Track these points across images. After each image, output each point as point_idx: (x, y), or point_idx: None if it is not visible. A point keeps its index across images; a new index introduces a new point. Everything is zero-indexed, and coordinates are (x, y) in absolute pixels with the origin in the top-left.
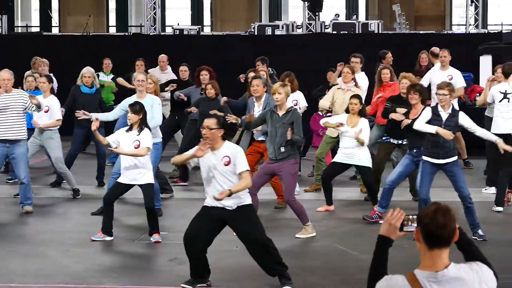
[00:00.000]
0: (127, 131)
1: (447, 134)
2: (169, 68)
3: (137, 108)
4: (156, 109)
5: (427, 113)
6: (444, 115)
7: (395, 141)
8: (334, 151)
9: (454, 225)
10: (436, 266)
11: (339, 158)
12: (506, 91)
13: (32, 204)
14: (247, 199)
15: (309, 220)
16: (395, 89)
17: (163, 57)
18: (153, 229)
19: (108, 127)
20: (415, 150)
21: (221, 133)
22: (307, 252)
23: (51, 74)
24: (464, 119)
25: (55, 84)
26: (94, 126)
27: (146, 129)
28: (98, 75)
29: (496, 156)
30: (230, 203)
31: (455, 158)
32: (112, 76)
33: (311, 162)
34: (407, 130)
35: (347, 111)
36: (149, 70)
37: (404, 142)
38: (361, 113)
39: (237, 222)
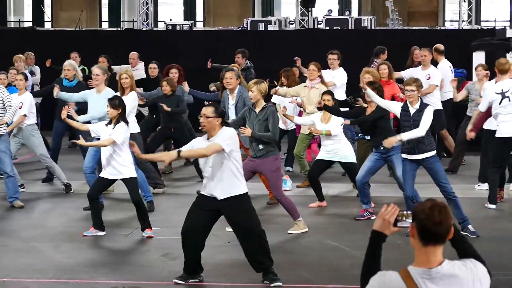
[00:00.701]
0: (106, 124)
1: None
2: (140, 65)
3: (116, 102)
4: (133, 105)
5: (397, 105)
6: (412, 110)
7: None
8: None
9: (449, 222)
10: (430, 262)
11: (322, 155)
12: (502, 90)
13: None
14: (242, 189)
15: (300, 215)
16: (393, 88)
17: (133, 54)
18: (144, 223)
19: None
20: (382, 148)
21: (218, 121)
22: (299, 247)
23: (38, 68)
24: (426, 114)
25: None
26: (63, 114)
27: (121, 123)
28: (84, 70)
29: (485, 154)
30: (218, 193)
31: (433, 153)
32: (81, 67)
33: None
34: (366, 128)
35: (320, 109)
36: (122, 67)
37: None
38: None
39: (232, 211)
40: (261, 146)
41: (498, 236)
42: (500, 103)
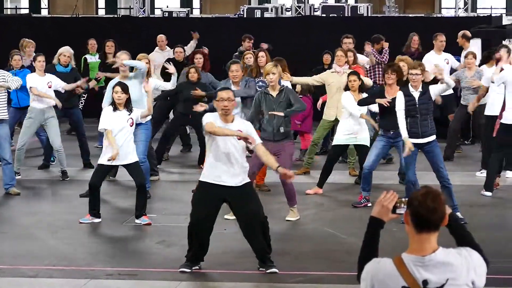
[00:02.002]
0: (113, 111)
1: (408, 146)
2: (168, 48)
3: (126, 87)
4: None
5: (400, 97)
6: (416, 94)
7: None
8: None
9: (443, 209)
10: (424, 250)
11: (340, 139)
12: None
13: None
14: (247, 176)
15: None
16: (360, 73)
17: (161, 37)
18: (141, 208)
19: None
20: (391, 132)
21: (234, 106)
22: (295, 235)
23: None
24: (434, 89)
25: None
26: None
27: (134, 108)
28: (86, 58)
29: (488, 140)
30: (239, 180)
31: (434, 137)
32: (98, 55)
33: (299, 145)
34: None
35: (346, 89)
36: (149, 55)
37: None
38: (362, 89)
39: (239, 198)
40: (282, 130)
41: (494, 223)
42: (498, 85)
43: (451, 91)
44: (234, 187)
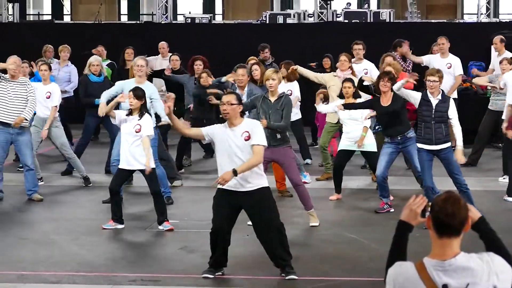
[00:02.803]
0: (127, 115)
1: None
2: (169, 55)
3: (139, 93)
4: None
5: (418, 95)
6: (434, 101)
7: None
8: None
9: (463, 214)
10: (445, 254)
11: (345, 144)
12: None
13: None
14: (264, 181)
15: (313, 206)
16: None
17: (162, 44)
18: (161, 215)
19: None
20: (399, 137)
21: (240, 109)
22: (317, 240)
23: (56, 60)
24: (452, 108)
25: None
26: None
27: (147, 115)
28: (113, 64)
29: (507, 145)
30: (250, 185)
31: (449, 144)
32: (108, 62)
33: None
34: (384, 117)
35: (341, 96)
36: (149, 58)
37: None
38: (356, 96)
39: (253, 204)
40: (278, 136)
41: None
42: None
43: (454, 95)
44: (246, 192)
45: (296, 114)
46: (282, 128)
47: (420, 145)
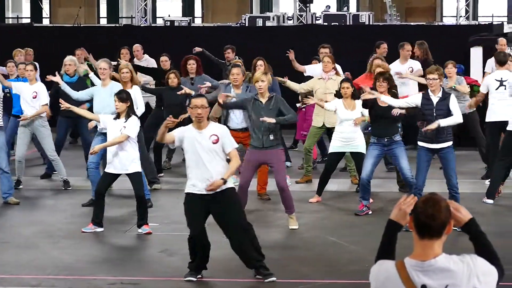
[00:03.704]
0: (114, 119)
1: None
2: (145, 56)
3: (124, 96)
4: (137, 98)
5: (418, 98)
6: (435, 99)
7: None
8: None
9: (444, 217)
10: (425, 255)
11: (337, 146)
12: (501, 78)
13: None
14: (230, 183)
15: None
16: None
17: (137, 47)
18: (142, 219)
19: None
20: (385, 139)
21: (208, 113)
22: (298, 243)
23: (36, 64)
24: (453, 103)
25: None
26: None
27: (133, 116)
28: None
29: (493, 147)
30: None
31: (450, 143)
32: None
33: (301, 153)
34: (378, 117)
35: (339, 96)
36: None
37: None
38: (354, 96)
39: (220, 205)
40: (271, 137)
41: (494, 231)
42: (496, 89)
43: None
44: (213, 195)
45: None
46: (292, 119)
47: (420, 144)
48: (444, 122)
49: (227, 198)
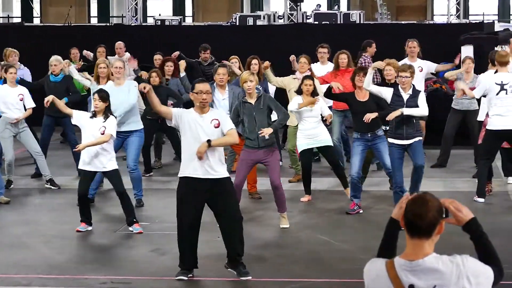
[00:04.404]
0: (91, 117)
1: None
2: (126, 54)
3: (105, 95)
4: (133, 92)
5: (389, 91)
6: (405, 96)
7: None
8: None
9: (432, 216)
10: (415, 255)
11: (305, 143)
12: (502, 81)
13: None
14: (226, 171)
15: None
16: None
17: (119, 44)
18: (130, 215)
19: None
20: (369, 135)
21: (211, 98)
22: (289, 242)
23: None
24: (422, 98)
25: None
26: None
27: (112, 117)
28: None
29: (475, 147)
30: (217, 173)
31: (419, 138)
32: (82, 64)
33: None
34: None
35: (299, 92)
36: (108, 57)
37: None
38: (314, 94)
39: (219, 193)
40: (267, 136)
41: (486, 230)
42: (497, 94)
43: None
44: (212, 179)
45: None
46: (284, 120)
47: (391, 140)
48: (407, 111)
49: (226, 185)
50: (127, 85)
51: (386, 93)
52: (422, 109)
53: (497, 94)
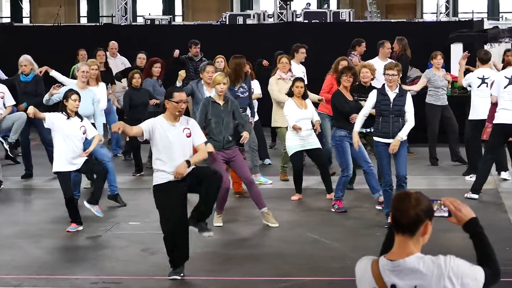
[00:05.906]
0: (67, 118)
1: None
2: (119, 55)
3: (79, 96)
4: (103, 95)
5: (373, 96)
6: (392, 95)
7: (363, 130)
8: None
9: (413, 214)
10: (400, 254)
11: (298, 145)
12: (483, 76)
13: None
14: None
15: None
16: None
17: (114, 44)
18: (97, 194)
19: None
20: (364, 130)
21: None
22: (279, 241)
23: None
24: (409, 102)
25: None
26: (31, 111)
27: (85, 118)
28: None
29: (477, 142)
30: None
31: (405, 144)
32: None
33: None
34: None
35: (290, 94)
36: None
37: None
38: (305, 96)
39: (195, 173)
40: (230, 138)
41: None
42: (478, 87)
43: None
44: (187, 175)
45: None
46: (246, 128)
47: (377, 139)
48: (403, 134)
49: (197, 168)
50: (91, 94)
51: (371, 97)
52: (410, 122)
53: (478, 87)
